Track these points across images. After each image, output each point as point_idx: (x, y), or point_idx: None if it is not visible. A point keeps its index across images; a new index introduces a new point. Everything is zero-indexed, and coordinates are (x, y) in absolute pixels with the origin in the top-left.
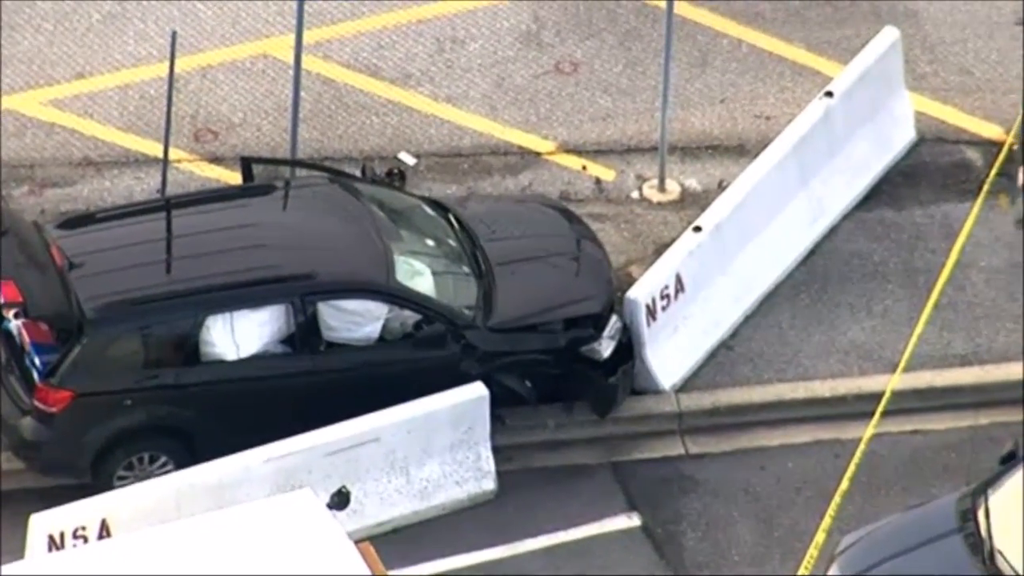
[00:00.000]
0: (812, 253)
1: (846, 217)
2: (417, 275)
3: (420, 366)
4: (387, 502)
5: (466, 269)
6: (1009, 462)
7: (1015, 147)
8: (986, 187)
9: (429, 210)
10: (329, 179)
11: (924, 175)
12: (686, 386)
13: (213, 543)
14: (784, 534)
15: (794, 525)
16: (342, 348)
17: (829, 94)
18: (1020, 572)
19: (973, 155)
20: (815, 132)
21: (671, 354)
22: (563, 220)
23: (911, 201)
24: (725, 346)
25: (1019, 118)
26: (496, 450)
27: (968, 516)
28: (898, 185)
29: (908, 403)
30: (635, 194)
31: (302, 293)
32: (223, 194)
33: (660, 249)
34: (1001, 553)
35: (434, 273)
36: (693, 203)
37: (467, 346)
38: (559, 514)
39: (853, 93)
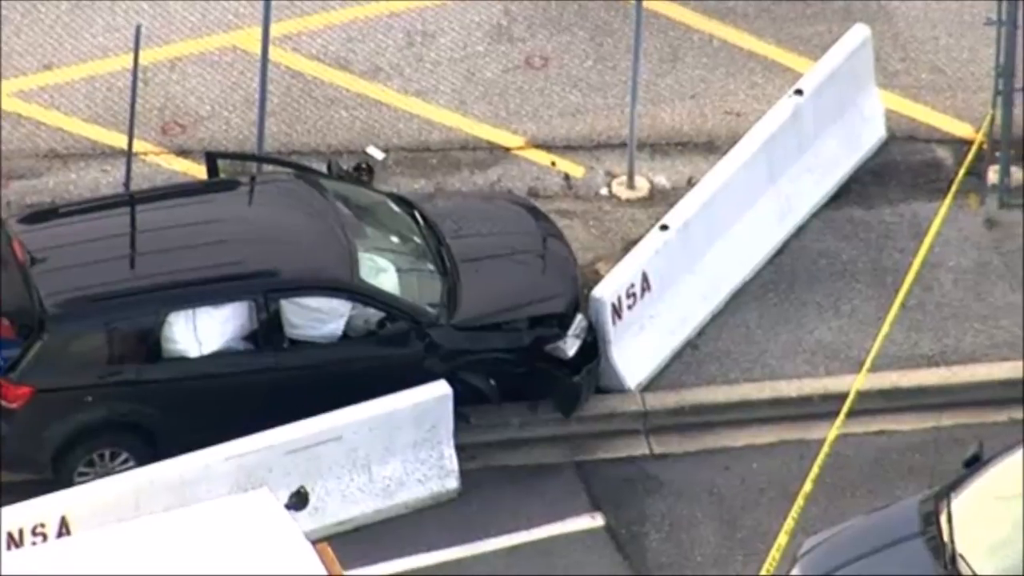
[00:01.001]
0: (780, 252)
1: (815, 215)
2: (381, 272)
3: (384, 364)
4: (349, 500)
5: (431, 266)
6: (972, 465)
7: (985, 146)
8: (955, 186)
9: (395, 207)
10: (295, 175)
11: (894, 174)
12: (651, 385)
13: (169, 543)
14: (747, 535)
15: (757, 526)
16: (305, 345)
17: (799, 92)
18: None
19: (943, 154)
20: (784, 130)
21: (637, 353)
22: (530, 217)
23: (880, 200)
24: (691, 345)
25: (988, 117)
26: (460, 448)
27: (930, 519)
28: (867, 184)
29: (874, 404)
30: (604, 191)
31: (265, 290)
32: (187, 189)
33: (628, 246)
34: (963, 557)
35: (398, 270)
36: (662, 200)
37: (431, 344)
38: (522, 513)
39: (822, 91)
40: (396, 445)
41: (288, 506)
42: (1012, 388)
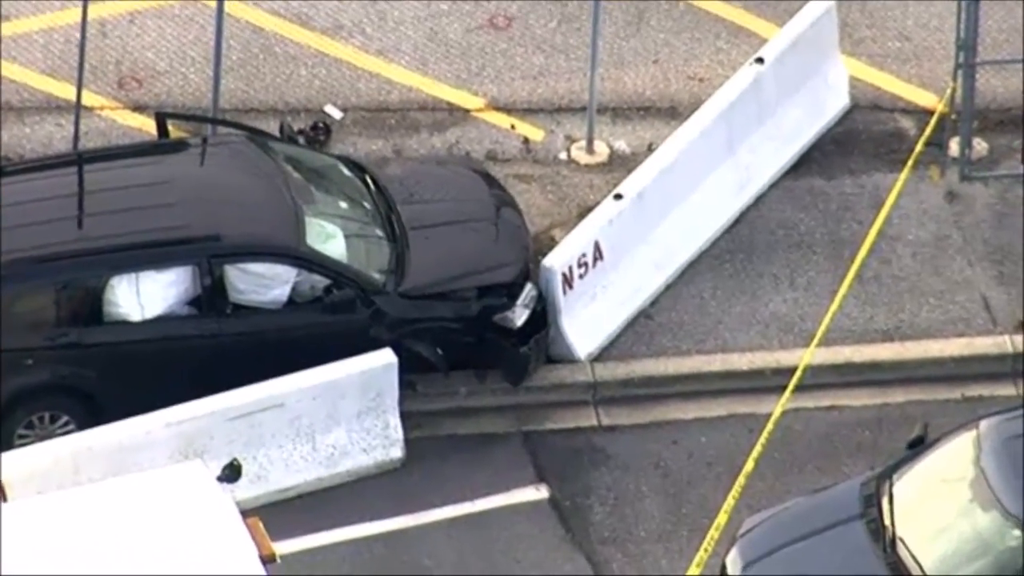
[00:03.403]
0: (738, 221)
1: (774, 185)
2: (329, 238)
3: (329, 331)
4: (292, 468)
5: (380, 233)
6: (916, 447)
7: (951, 117)
8: (913, 157)
9: (346, 171)
10: (246, 137)
11: (856, 143)
12: (602, 356)
13: (95, 515)
14: (693, 510)
15: (703, 501)
16: (249, 311)
17: (760, 60)
18: (920, 560)
19: (907, 124)
20: (744, 99)
21: (588, 323)
22: (483, 184)
23: (841, 170)
24: (645, 315)
25: (950, 89)
26: (405, 416)
27: (872, 501)
28: (829, 153)
29: (826, 378)
30: (563, 155)
31: (209, 255)
32: (136, 150)
33: (584, 213)
34: (902, 540)
35: (346, 236)
36: (621, 166)
37: (377, 312)
38: (466, 484)
39: (785, 59)
40: (340, 413)
41: (220, 478)
42: (965, 365)
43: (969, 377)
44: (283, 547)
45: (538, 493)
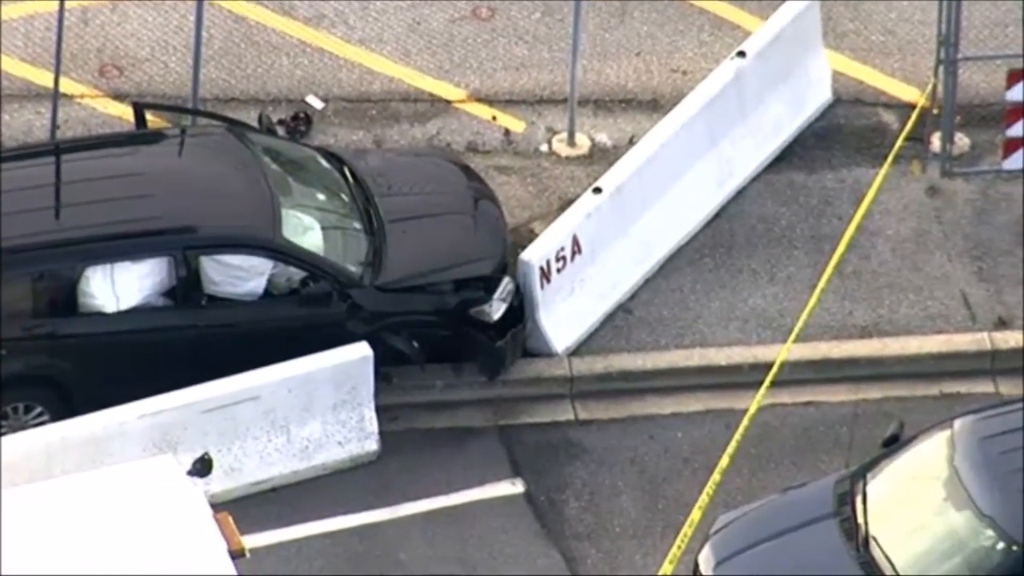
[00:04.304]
0: (718, 216)
1: (755, 179)
2: (306, 230)
3: (305, 324)
4: (266, 461)
5: (357, 225)
6: (891, 445)
7: (934, 111)
8: (894, 152)
9: (324, 162)
10: (225, 128)
11: (838, 138)
12: (580, 350)
13: (62, 509)
14: (668, 506)
15: (679, 497)
16: (225, 303)
17: (741, 54)
18: (893, 559)
19: (889, 118)
20: (726, 93)
21: (566, 317)
22: (462, 177)
23: (823, 164)
24: (624, 309)
25: (931, 84)
26: (381, 409)
27: (845, 500)
28: (811, 147)
29: (803, 374)
30: (544, 147)
31: (184, 246)
32: (112, 140)
33: (565, 205)
34: (875, 540)
35: (323, 228)
36: (602, 158)
37: (353, 305)
38: (441, 478)
39: (767, 53)
40: (315, 406)
41: (191, 472)
42: (944, 362)
43: (947, 374)
44: (257, 540)
45: (513, 487)
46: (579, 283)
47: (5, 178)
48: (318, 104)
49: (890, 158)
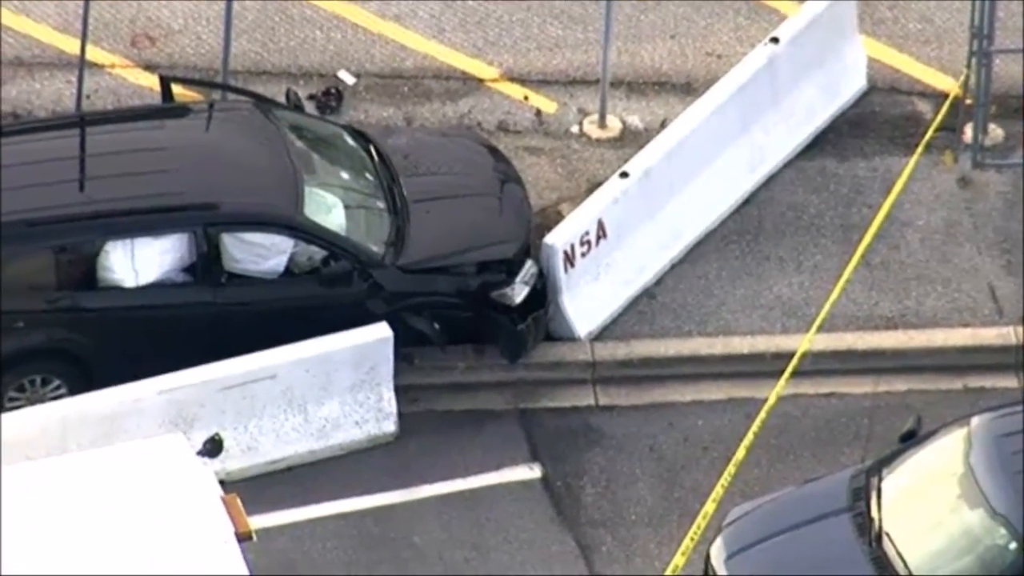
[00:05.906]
0: (747, 202)
1: (787, 166)
2: (328, 209)
3: (325, 303)
4: (283, 440)
5: (380, 204)
6: (908, 440)
7: (967, 101)
8: (924, 142)
9: (350, 140)
10: (251, 104)
11: (872, 126)
12: (602, 335)
13: (68, 485)
14: (685, 495)
15: (696, 486)
16: (245, 280)
17: (775, 40)
18: (905, 556)
19: (924, 107)
20: (758, 79)
21: (590, 301)
22: (488, 158)
23: (855, 152)
24: (648, 295)
25: (963, 75)
26: (401, 390)
27: (860, 495)
28: (844, 135)
29: (827, 364)
30: (575, 128)
31: (205, 223)
32: (138, 113)
33: (593, 188)
34: (888, 536)
35: (346, 207)
36: (633, 141)
37: (374, 285)
38: (459, 461)
39: (802, 38)
40: (333, 386)
41: (201, 452)
42: (969, 355)
43: (972, 368)
44: (270, 519)
45: (531, 472)
46: (604, 268)
47: (29, 150)
48: (350, 79)
49: (921, 148)
